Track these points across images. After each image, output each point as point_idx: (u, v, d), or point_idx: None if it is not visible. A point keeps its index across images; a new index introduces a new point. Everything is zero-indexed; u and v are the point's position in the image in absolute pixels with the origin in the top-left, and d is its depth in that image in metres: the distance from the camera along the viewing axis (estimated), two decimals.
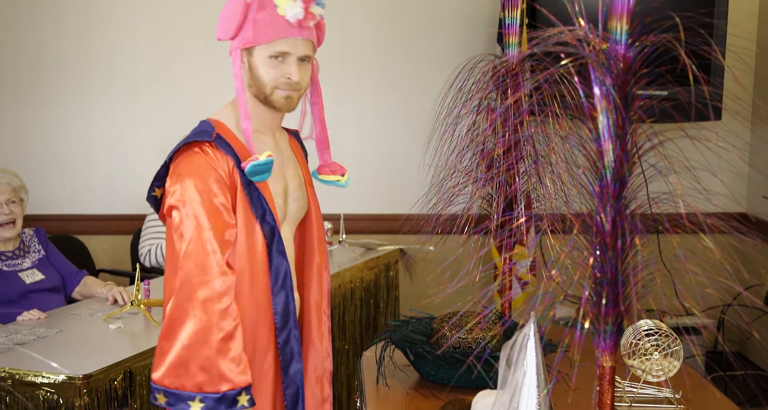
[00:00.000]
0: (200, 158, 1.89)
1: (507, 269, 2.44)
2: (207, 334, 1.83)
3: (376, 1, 4.59)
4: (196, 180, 1.87)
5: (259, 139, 2.01)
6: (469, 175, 2.25)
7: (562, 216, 1.72)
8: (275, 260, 1.96)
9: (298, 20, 1.89)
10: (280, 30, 1.89)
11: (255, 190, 1.93)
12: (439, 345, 2.25)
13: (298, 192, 2.09)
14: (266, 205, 1.94)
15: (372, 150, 4.70)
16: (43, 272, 3.45)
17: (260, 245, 1.94)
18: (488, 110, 2.25)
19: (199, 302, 1.83)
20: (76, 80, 4.67)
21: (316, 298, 2.14)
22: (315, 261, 2.14)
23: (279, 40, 1.90)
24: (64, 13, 4.61)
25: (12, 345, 2.68)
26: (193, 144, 1.91)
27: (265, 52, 1.91)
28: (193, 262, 1.85)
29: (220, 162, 1.90)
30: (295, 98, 1.97)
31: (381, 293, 4.17)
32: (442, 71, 2.34)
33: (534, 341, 1.42)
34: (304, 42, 1.94)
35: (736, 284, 1.44)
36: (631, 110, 1.30)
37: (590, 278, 1.31)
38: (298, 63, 1.93)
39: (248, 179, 1.91)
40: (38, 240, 3.57)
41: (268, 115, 2.01)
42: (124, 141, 4.72)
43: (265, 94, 1.95)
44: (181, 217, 1.87)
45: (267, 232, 1.95)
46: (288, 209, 2.05)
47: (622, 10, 1.30)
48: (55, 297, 3.44)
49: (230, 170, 1.90)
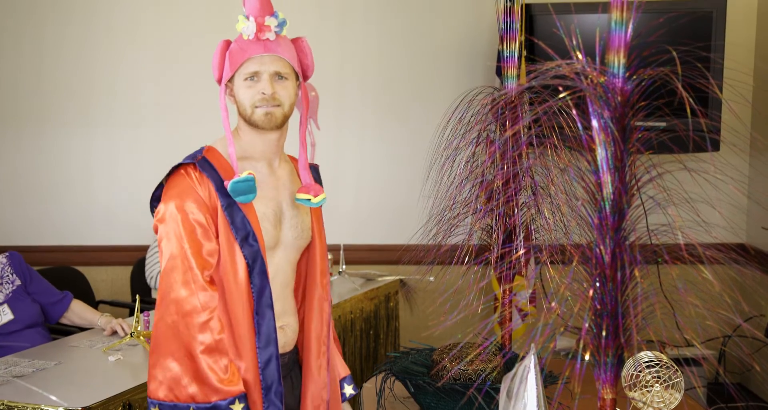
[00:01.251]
0: (183, 180, 1.96)
1: (507, 301, 2.44)
2: (190, 348, 1.89)
3: (378, 34, 4.63)
4: (177, 200, 1.94)
5: (253, 165, 2.05)
6: (468, 206, 2.26)
7: (562, 247, 1.72)
8: (257, 282, 1.99)
9: (255, 35, 1.96)
10: (247, 51, 1.97)
11: (238, 211, 1.97)
12: (439, 376, 2.24)
13: (295, 220, 2.10)
14: (250, 227, 1.98)
15: (372, 181, 4.72)
16: (14, 310, 3.26)
17: (242, 266, 1.97)
18: (487, 142, 2.26)
19: (180, 316, 1.90)
20: (76, 111, 4.70)
21: (317, 329, 2.14)
22: (317, 293, 2.15)
23: (247, 62, 1.97)
24: (64, 42, 4.65)
25: (10, 377, 2.66)
26: (180, 167, 1.99)
27: (240, 78, 1.99)
28: (173, 278, 1.92)
29: (201, 184, 1.96)
30: (276, 114, 1.99)
31: (381, 323, 4.16)
32: (442, 103, 2.36)
33: (534, 373, 1.42)
34: (273, 58, 1.98)
35: (736, 317, 1.44)
36: (629, 142, 1.31)
37: (590, 309, 1.31)
38: (272, 79, 1.98)
39: (230, 200, 1.95)
40: (12, 269, 3.36)
41: (261, 141, 2.05)
42: (124, 172, 4.74)
43: (247, 116, 2.00)
44: (161, 235, 1.96)
45: (248, 254, 1.97)
46: (282, 234, 2.07)
47: (620, 43, 1.31)
48: (33, 333, 3.28)
49: (210, 192, 1.96)
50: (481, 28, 4.57)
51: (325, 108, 4.50)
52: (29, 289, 3.40)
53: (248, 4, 1.98)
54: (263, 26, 1.97)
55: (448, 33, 4.62)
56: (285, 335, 2.08)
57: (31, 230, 4.40)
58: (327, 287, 2.18)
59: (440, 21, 4.61)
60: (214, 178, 1.96)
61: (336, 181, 4.60)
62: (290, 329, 2.11)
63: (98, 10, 4.63)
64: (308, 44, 2.09)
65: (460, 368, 2.23)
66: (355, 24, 4.61)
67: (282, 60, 1.99)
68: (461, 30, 4.61)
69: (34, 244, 4.66)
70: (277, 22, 1.99)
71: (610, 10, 1.34)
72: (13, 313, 3.28)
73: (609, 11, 1.35)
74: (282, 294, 2.09)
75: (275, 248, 2.06)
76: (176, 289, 1.91)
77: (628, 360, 2.08)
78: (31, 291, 3.40)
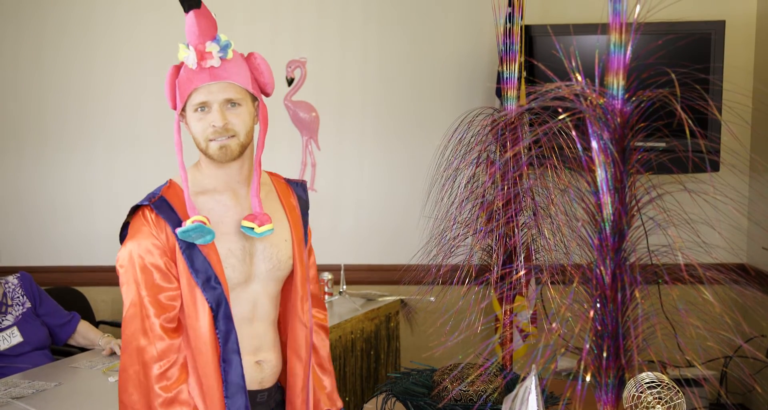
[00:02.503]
0: (140, 223, 1.89)
1: (508, 322, 2.44)
2: (149, 399, 1.85)
3: (378, 54, 4.66)
4: (133, 244, 1.88)
5: (216, 199, 1.95)
6: (469, 227, 2.26)
7: (562, 268, 1.72)
8: (222, 327, 1.89)
9: (198, 64, 1.85)
10: (193, 81, 1.86)
11: (198, 254, 1.87)
12: (440, 397, 2.23)
13: (269, 251, 1.99)
14: (211, 270, 1.87)
15: (372, 201, 4.72)
16: (23, 332, 3.27)
17: (204, 311, 1.88)
18: (488, 163, 2.27)
19: (140, 366, 1.86)
20: (76, 132, 4.71)
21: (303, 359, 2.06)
22: (298, 320, 2.05)
23: (195, 92, 1.86)
24: (63, 64, 4.67)
25: (9, 398, 2.66)
26: (139, 208, 1.91)
27: (190, 109, 1.89)
28: (133, 326, 1.87)
29: (158, 226, 1.88)
30: (231, 147, 1.88)
31: (382, 344, 4.15)
32: (442, 124, 2.37)
33: (536, 394, 1.42)
34: (221, 86, 1.86)
35: (737, 338, 1.44)
36: (629, 163, 1.32)
37: (591, 330, 1.32)
38: (222, 109, 1.87)
39: (188, 242, 1.86)
40: (23, 290, 3.40)
41: (222, 173, 1.95)
42: (123, 193, 4.74)
43: (203, 149, 1.91)
44: (122, 281, 1.90)
45: (211, 298, 1.87)
46: (254, 268, 1.97)
47: (619, 65, 1.32)
48: (39, 355, 3.29)
49: (167, 234, 1.87)
50: (481, 49, 4.60)
51: (325, 128, 4.54)
52: (39, 311, 3.41)
53: (187, 31, 1.87)
54: (204, 54, 1.85)
55: (448, 54, 4.64)
56: (262, 371, 2.01)
57: (32, 250, 4.40)
58: (308, 315, 2.07)
59: (440, 42, 4.63)
60: (172, 219, 1.87)
61: (336, 201, 4.61)
62: (268, 364, 2.02)
63: (99, 36, 4.66)
64: (263, 59, 1.95)
65: (461, 389, 2.23)
66: (355, 44, 4.64)
67: (232, 86, 1.87)
68: (461, 51, 4.63)
69: (35, 264, 4.66)
70: (220, 47, 1.86)
71: (609, 31, 1.35)
72: (23, 336, 3.28)
73: (608, 33, 1.36)
74: (259, 330, 2.00)
75: (247, 282, 1.96)
76: (137, 337, 1.86)
77: (629, 381, 2.07)
78: (41, 313, 3.42)
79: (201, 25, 1.86)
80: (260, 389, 2.01)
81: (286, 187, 2.12)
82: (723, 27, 4.10)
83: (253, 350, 1.98)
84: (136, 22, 4.64)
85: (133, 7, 4.63)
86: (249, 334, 1.97)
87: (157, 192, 1.92)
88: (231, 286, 1.92)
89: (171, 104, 1.94)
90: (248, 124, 1.92)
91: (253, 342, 1.98)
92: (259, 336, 2.00)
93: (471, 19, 4.58)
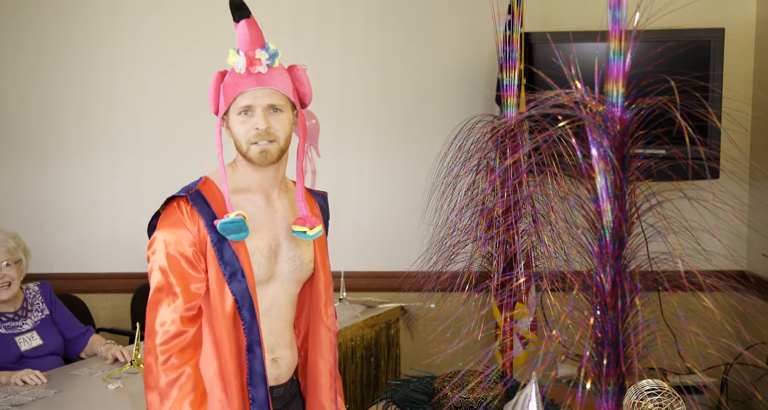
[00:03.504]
0: (174, 213, 1.97)
1: (508, 329, 2.44)
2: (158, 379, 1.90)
3: (378, 62, 4.66)
4: (166, 233, 1.95)
5: (249, 198, 2.03)
6: (469, 234, 2.26)
7: (562, 275, 1.72)
8: (247, 318, 1.97)
9: (246, 69, 1.95)
10: (239, 85, 1.96)
11: (228, 248, 1.96)
12: (440, 404, 2.23)
13: (293, 252, 2.08)
14: (238, 264, 1.96)
15: (372, 208, 4.73)
16: (42, 336, 3.36)
17: (230, 302, 1.96)
18: (488, 170, 2.27)
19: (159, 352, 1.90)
20: (77, 139, 4.71)
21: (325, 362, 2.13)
22: (322, 325, 2.13)
23: (240, 96, 1.95)
24: (65, 71, 4.68)
25: (9, 406, 2.65)
26: (174, 199, 1.99)
27: (234, 112, 1.98)
28: (156, 311, 1.93)
29: (192, 218, 1.96)
30: (271, 151, 1.97)
31: (382, 351, 4.15)
32: (442, 131, 2.37)
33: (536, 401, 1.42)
34: (266, 91, 1.96)
35: (737, 345, 1.44)
36: (628, 171, 1.32)
37: (591, 337, 1.32)
38: (265, 113, 1.96)
39: (220, 236, 1.94)
40: (43, 298, 3.50)
41: (258, 175, 2.03)
42: (125, 200, 4.75)
43: (243, 152, 1.99)
44: (150, 267, 1.96)
45: (237, 291, 1.96)
46: (278, 267, 2.05)
47: (618, 73, 1.33)
48: (53, 360, 3.35)
49: (200, 227, 1.95)
50: (480, 57, 4.61)
51: (325, 135, 4.54)
52: (55, 320, 3.49)
53: (238, 38, 1.97)
54: (254, 60, 1.95)
55: (448, 62, 4.65)
56: (278, 367, 2.07)
57: (33, 257, 4.36)
58: (332, 318, 2.16)
59: (440, 50, 4.64)
60: (206, 213, 1.96)
61: (336, 207, 4.58)
62: (284, 361, 2.09)
63: (100, 42, 4.67)
64: (304, 72, 2.06)
65: (461, 396, 2.22)
66: (356, 52, 4.65)
67: (276, 92, 1.97)
68: (461, 59, 4.64)
69: (35, 271, 4.65)
70: (268, 55, 1.96)
71: (609, 39, 1.36)
72: (42, 339, 3.37)
73: (608, 40, 1.37)
74: (276, 328, 2.06)
75: (270, 281, 2.04)
76: (158, 324, 1.92)
77: (629, 388, 2.07)
78: (56, 321, 3.49)
79: (252, 34, 1.97)
80: (276, 385, 2.07)
81: (309, 196, 2.20)
82: (722, 35, 4.11)
83: (270, 347, 2.04)
84: (138, 27, 4.65)
85: (135, 12, 4.64)
86: (267, 331, 2.03)
87: (193, 186, 2.01)
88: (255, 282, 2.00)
89: (213, 108, 2.03)
90: (288, 130, 2.01)
91: (270, 339, 2.04)
92: (276, 334, 2.06)
93: (471, 27, 4.59)
